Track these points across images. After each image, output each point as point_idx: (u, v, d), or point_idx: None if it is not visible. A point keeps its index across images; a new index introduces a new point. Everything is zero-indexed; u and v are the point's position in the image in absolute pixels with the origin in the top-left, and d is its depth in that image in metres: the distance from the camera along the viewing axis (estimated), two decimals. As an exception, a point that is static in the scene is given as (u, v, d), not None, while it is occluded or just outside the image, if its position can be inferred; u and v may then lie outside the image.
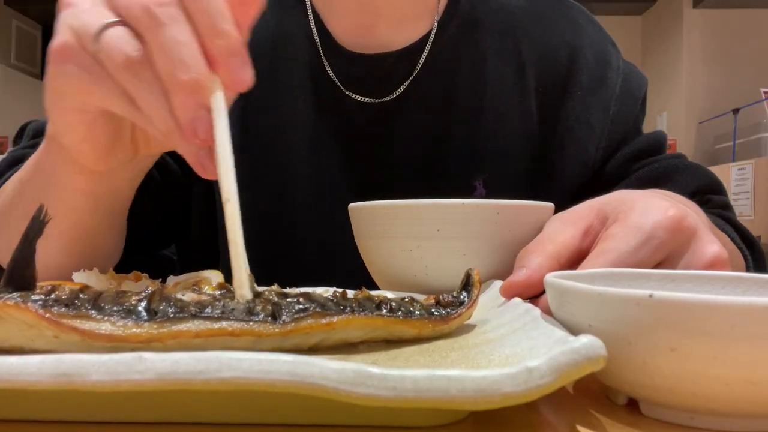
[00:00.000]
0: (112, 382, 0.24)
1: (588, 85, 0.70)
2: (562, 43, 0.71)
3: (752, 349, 0.25)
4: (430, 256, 0.47)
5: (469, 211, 0.46)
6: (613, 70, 0.71)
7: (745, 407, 0.27)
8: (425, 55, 0.68)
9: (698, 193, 0.68)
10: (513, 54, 0.70)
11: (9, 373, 0.24)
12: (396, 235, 0.48)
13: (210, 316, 0.30)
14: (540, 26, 0.72)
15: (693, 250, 0.39)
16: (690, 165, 0.71)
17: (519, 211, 0.47)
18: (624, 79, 0.71)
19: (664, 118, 4.98)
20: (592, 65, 0.70)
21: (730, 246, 0.59)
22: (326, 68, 0.67)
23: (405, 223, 0.47)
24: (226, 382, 0.23)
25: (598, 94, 0.70)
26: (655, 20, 5.07)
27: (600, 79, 0.70)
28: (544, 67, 0.70)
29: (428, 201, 0.46)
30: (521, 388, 0.23)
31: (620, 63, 0.73)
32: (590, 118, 0.69)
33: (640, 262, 0.38)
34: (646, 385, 0.28)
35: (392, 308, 0.35)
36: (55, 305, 0.29)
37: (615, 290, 0.28)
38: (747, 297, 0.28)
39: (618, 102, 0.70)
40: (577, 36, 0.72)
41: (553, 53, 0.70)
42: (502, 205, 0.46)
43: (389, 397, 0.23)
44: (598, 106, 0.69)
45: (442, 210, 0.46)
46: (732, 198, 3.90)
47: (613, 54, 0.73)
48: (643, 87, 0.73)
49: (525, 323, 0.34)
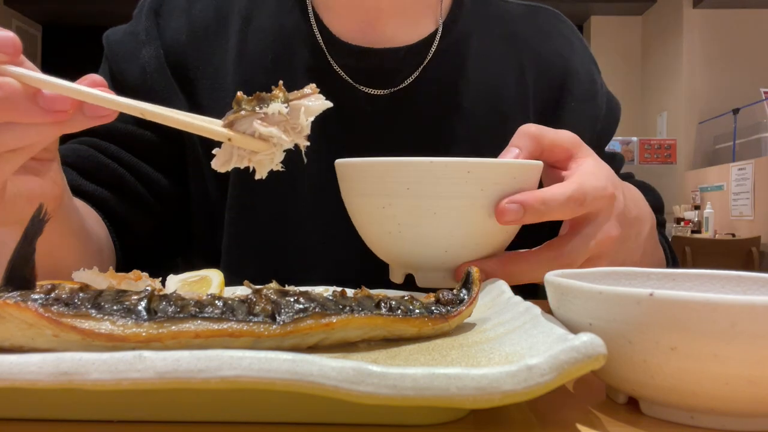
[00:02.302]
0: (112, 381, 0.24)
1: (580, 98, 0.72)
2: (557, 55, 0.73)
3: (752, 348, 0.25)
4: (402, 214, 0.46)
5: (438, 169, 0.45)
6: (599, 89, 0.74)
7: (745, 406, 0.27)
8: (432, 51, 0.69)
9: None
10: (514, 58, 0.72)
11: (9, 371, 0.24)
12: (370, 193, 0.48)
13: (210, 317, 0.30)
14: (538, 36, 0.74)
15: (600, 222, 0.48)
16: (641, 184, 0.74)
17: (490, 170, 0.46)
18: (608, 100, 0.75)
19: (664, 118, 4.98)
20: (584, 80, 0.73)
21: (659, 254, 0.67)
22: (330, 62, 0.67)
23: (377, 181, 0.47)
24: (226, 380, 0.23)
25: (589, 109, 0.72)
26: (655, 20, 5.07)
27: (591, 96, 0.73)
28: (542, 74, 0.72)
29: (398, 159, 0.45)
30: (521, 387, 0.23)
31: (602, 83, 0.76)
32: (581, 132, 0.70)
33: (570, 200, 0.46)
34: (647, 384, 0.28)
35: (392, 307, 0.35)
36: (55, 304, 0.29)
37: (615, 289, 0.28)
38: (747, 296, 0.28)
39: (603, 121, 0.74)
40: (569, 51, 0.74)
41: (550, 63, 0.73)
42: (472, 163, 0.45)
43: (389, 396, 0.23)
44: (588, 121, 0.72)
45: (411, 168, 0.45)
46: (732, 198, 3.91)
47: (596, 74, 0.76)
48: (619, 111, 0.78)
49: (525, 321, 0.34)
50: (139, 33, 0.69)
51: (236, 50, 0.68)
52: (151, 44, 0.68)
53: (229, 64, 0.68)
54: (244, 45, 0.68)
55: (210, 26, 0.70)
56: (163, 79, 0.68)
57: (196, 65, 0.69)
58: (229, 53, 0.68)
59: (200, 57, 0.69)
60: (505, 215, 0.45)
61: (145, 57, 0.68)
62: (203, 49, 0.69)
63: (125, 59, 0.69)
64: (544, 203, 0.45)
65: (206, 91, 0.68)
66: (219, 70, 0.68)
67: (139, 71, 0.68)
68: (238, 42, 0.68)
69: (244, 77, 0.67)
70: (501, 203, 0.45)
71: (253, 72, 0.67)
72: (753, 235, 3.58)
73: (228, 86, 0.67)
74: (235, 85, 0.67)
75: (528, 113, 0.71)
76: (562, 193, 0.46)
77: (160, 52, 0.68)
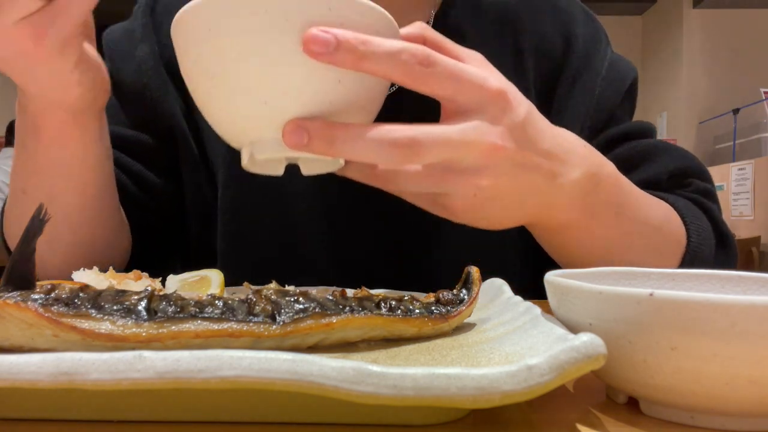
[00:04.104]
0: (112, 381, 0.24)
1: (576, 72, 0.69)
2: (557, 34, 0.70)
3: (752, 348, 0.25)
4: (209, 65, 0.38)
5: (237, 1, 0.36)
6: (601, 55, 0.70)
7: (746, 406, 0.27)
8: None
9: (677, 175, 0.66)
10: (511, 43, 0.70)
11: (9, 371, 0.24)
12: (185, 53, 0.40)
13: (210, 317, 0.30)
14: (535, 18, 0.71)
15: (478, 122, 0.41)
16: (672, 147, 0.68)
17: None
18: (611, 63, 0.71)
19: (664, 118, 4.98)
20: (582, 52, 0.70)
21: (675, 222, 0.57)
22: None
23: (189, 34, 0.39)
24: (226, 380, 0.23)
25: (584, 76, 0.69)
26: (655, 20, 5.07)
27: (587, 63, 0.70)
28: (541, 58, 0.70)
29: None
30: (521, 387, 0.23)
31: (608, 51, 0.72)
32: (576, 101, 0.68)
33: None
34: (647, 384, 0.28)
35: (392, 307, 0.35)
36: (55, 304, 0.29)
37: (615, 289, 0.28)
38: (747, 296, 0.28)
39: (604, 83, 0.69)
40: (569, 25, 0.71)
41: (549, 45, 0.70)
42: None
43: (389, 396, 0.23)
44: (583, 87, 0.69)
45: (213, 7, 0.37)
46: (732, 198, 3.91)
47: (603, 41, 0.72)
48: (632, 74, 0.72)
49: (525, 321, 0.34)
50: (135, 30, 0.69)
51: None
52: (146, 42, 0.68)
53: None
54: None
55: None
56: (159, 76, 0.68)
57: None
58: None
59: None
60: (311, 44, 0.36)
61: (140, 55, 0.68)
62: None
63: (121, 58, 0.69)
64: (365, 43, 0.36)
65: None
66: None
67: (135, 69, 0.68)
68: None
69: None
70: (310, 29, 0.36)
71: None
72: (753, 235, 3.58)
73: None
74: None
75: (529, 98, 0.69)
76: (395, 42, 0.38)
77: (155, 49, 0.68)
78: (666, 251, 0.56)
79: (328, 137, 0.37)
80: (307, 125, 0.37)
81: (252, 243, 0.67)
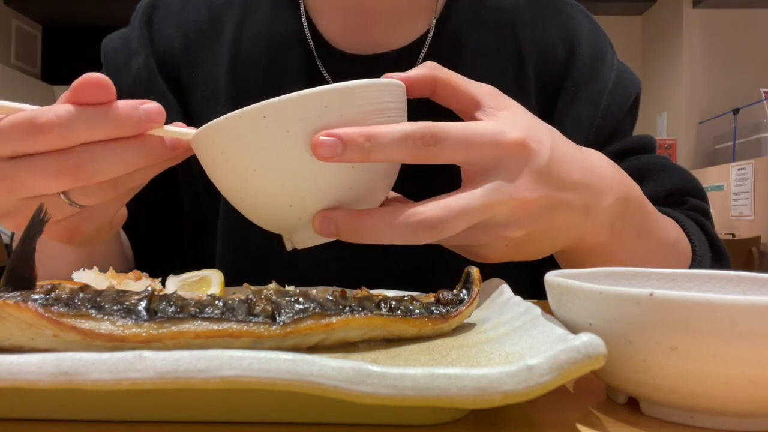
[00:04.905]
0: (112, 381, 0.24)
1: (581, 81, 0.69)
2: (559, 40, 0.70)
3: (752, 348, 0.25)
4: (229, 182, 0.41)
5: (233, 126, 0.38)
6: (608, 66, 0.70)
7: (745, 406, 0.27)
8: (423, 53, 0.68)
9: (675, 194, 0.67)
10: (512, 49, 0.69)
11: (9, 371, 0.24)
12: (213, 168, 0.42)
13: (210, 317, 0.30)
14: (538, 23, 0.71)
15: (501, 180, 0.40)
16: (672, 165, 0.69)
17: (287, 108, 0.38)
18: (617, 76, 0.70)
19: (664, 118, 4.98)
20: (587, 61, 0.69)
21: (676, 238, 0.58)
22: (320, 70, 0.67)
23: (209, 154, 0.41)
24: (226, 380, 0.23)
25: (590, 87, 0.69)
26: (655, 20, 5.07)
27: (593, 74, 0.69)
28: (543, 63, 0.69)
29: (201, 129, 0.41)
30: (521, 387, 0.23)
31: (615, 61, 0.72)
32: (580, 112, 0.68)
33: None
34: (647, 384, 0.28)
35: (392, 307, 0.35)
36: (55, 304, 0.29)
37: (615, 289, 0.28)
38: (747, 296, 0.28)
39: (610, 97, 0.69)
40: (574, 32, 0.71)
41: (552, 50, 0.70)
42: (265, 106, 0.38)
43: (389, 396, 0.23)
44: (588, 99, 0.68)
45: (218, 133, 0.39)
46: (732, 198, 3.91)
47: (609, 52, 0.72)
48: (637, 88, 0.72)
49: (525, 321, 0.34)
50: (132, 41, 0.69)
51: (229, 56, 0.67)
52: (141, 53, 0.68)
53: (222, 70, 0.67)
54: (237, 51, 0.67)
55: (203, 32, 0.69)
56: (155, 87, 0.67)
57: (189, 72, 0.68)
58: (222, 59, 0.68)
59: (193, 64, 0.68)
60: (319, 149, 0.37)
61: (136, 66, 0.68)
62: (196, 56, 0.69)
63: (118, 69, 0.69)
64: (370, 138, 0.37)
65: (199, 98, 0.68)
66: (212, 77, 0.68)
67: (132, 80, 0.68)
68: (231, 48, 0.68)
69: (237, 84, 0.67)
70: (315, 136, 0.37)
71: (246, 79, 0.67)
72: (753, 235, 3.58)
73: (221, 93, 0.67)
74: (228, 92, 0.67)
75: (531, 104, 0.68)
76: (398, 129, 0.38)
77: (150, 60, 0.68)
78: (677, 267, 0.58)
79: (355, 228, 0.39)
80: (332, 216, 0.39)
81: (250, 250, 0.67)
